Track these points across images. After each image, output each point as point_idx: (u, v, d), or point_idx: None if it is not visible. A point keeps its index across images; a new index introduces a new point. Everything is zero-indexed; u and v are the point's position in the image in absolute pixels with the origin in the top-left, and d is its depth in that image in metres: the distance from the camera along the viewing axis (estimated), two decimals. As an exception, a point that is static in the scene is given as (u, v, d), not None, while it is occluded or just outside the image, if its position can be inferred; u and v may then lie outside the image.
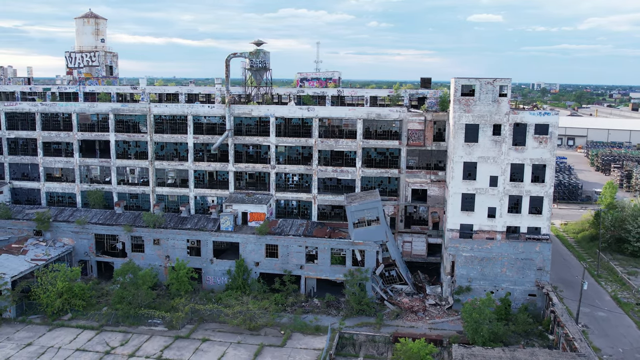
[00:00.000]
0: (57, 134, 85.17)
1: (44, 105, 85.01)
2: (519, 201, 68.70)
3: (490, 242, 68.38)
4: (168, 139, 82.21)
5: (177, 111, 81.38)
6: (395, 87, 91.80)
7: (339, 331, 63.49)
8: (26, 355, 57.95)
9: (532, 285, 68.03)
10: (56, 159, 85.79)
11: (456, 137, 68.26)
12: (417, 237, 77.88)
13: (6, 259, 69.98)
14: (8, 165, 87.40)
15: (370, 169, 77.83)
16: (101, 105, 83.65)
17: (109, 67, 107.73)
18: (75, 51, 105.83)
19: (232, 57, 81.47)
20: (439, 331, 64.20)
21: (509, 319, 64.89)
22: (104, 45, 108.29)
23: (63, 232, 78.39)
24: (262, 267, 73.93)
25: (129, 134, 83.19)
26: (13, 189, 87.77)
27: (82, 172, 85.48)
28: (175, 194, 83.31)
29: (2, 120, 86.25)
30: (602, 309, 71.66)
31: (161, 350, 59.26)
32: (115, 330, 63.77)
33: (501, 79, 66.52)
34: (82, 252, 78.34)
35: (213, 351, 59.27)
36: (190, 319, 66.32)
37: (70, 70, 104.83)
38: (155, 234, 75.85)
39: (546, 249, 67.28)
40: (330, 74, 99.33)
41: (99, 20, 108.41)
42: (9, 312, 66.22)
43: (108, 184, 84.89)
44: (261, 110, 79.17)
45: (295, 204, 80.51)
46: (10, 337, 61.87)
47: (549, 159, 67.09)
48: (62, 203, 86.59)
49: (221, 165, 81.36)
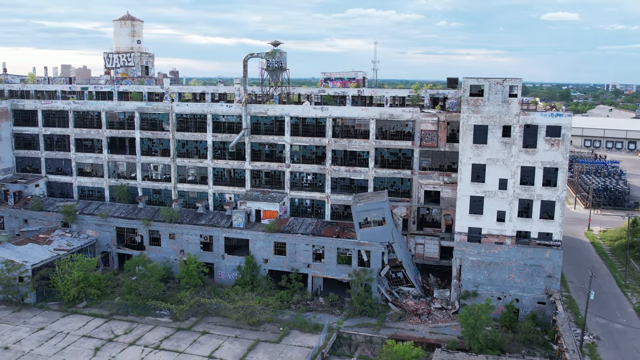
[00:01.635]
0: (87, 131, 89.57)
1: (76, 103, 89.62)
2: (530, 205, 66.41)
3: (498, 247, 66.45)
4: (189, 137, 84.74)
5: (197, 110, 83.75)
6: (415, 87, 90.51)
7: (337, 330, 63.61)
8: (36, 338, 61.47)
9: (541, 293, 65.58)
10: (87, 155, 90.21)
11: (464, 138, 66.80)
12: (430, 240, 76.64)
13: (31, 248, 74.35)
14: (44, 160, 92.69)
15: (383, 169, 77.29)
16: (127, 104, 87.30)
17: (144, 67, 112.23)
18: (112, 52, 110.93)
19: (249, 57, 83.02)
20: (440, 335, 63.02)
21: (513, 327, 62.94)
22: (139, 47, 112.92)
23: (87, 225, 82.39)
24: (270, 264, 74.97)
25: (152, 132, 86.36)
26: (49, 182, 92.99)
27: (110, 168, 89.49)
28: (195, 190, 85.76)
29: (39, 117, 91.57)
30: (620, 321, 68.14)
31: (160, 341, 61.34)
32: (123, 320, 66.52)
33: (511, 79, 64.54)
34: (105, 244, 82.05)
35: (209, 344, 60.79)
36: (196, 312, 68.18)
37: (108, 71, 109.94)
38: (171, 229, 78.42)
39: (556, 256, 64.69)
40: (353, 74, 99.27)
41: (135, 22, 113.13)
42: (30, 298, 70.34)
43: (133, 180, 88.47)
44: (276, 110, 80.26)
45: (309, 203, 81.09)
46: (26, 321, 65.76)
47: (561, 162, 64.48)
48: (92, 197, 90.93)
49: (238, 164, 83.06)
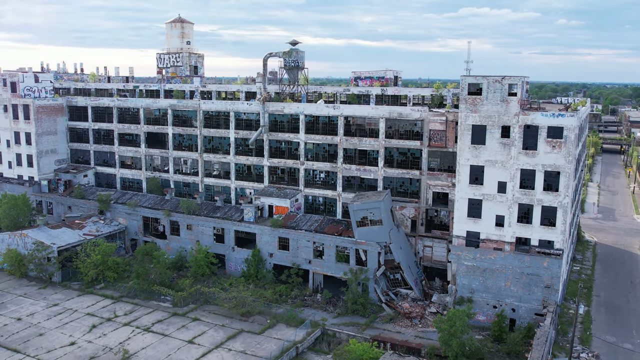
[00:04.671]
0: (128, 126, 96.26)
1: (119, 100, 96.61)
2: (530, 211, 62.84)
3: (494, 253, 63.50)
4: (214, 133, 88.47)
5: (221, 107, 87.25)
6: (436, 86, 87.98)
7: (322, 327, 64.03)
8: (47, 313, 67.56)
9: (538, 304, 61.83)
10: (128, 149, 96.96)
11: (462, 139, 64.53)
12: (438, 243, 74.57)
13: (63, 232, 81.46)
14: (93, 153, 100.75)
15: (392, 169, 76.26)
16: (161, 102, 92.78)
17: (193, 67, 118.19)
18: (164, 53, 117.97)
19: (268, 56, 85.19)
20: (424, 340, 61.44)
21: (502, 338, 59.99)
22: (189, 47, 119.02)
23: (119, 213, 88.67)
24: (275, 259, 76.62)
25: (183, 128, 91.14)
26: (96, 173, 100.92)
27: (147, 161, 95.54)
28: (219, 184, 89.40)
29: (89, 113, 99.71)
30: (633, 341, 62.64)
31: (153, 323, 65.05)
32: (129, 302, 71.14)
33: (510, 77, 61.46)
34: (133, 231, 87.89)
35: (195, 330, 63.58)
36: (196, 300, 71.43)
37: (160, 70, 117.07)
38: (189, 220, 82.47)
39: (555, 266, 60.68)
40: (382, 73, 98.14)
41: (184, 24, 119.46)
42: (56, 277, 77.19)
43: (166, 173, 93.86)
44: (292, 108, 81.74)
45: (321, 200, 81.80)
46: (46, 297, 72.33)
47: (563, 166, 60.42)
48: (132, 188, 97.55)
49: (258, 160, 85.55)
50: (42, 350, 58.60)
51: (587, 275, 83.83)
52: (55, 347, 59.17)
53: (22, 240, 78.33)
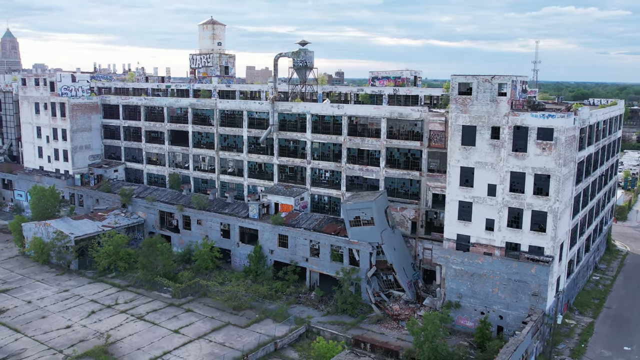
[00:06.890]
0: (154, 124, 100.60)
1: (146, 99, 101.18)
2: (520, 215, 60.64)
3: (482, 257, 61.73)
4: (229, 131, 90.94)
5: (235, 107, 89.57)
6: (446, 85, 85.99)
7: (307, 324, 64.65)
8: (56, 297, 72.10)
9: (526, 312, 59.54)
10: (153, 146, 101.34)
11: (453, 140, 63.22)
12: (438, 245, 73.09)
13: (83, 223, 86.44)
14: (123, 149, 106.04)
15: (393, 169, 75.59)
16: (183, 101, 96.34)
17: (224, 67, 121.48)
18: (196, 53, 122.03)
19: (279, 56, 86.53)
20: (406, 343, 60.63)
21: (484, 345, 58.29)
22: (220, 48, 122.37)
23: (139, 207, 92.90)
24: (275, 256, 77.87)
25: (201, 126, 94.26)
26: (126, 168, 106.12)
27: (170, 158, 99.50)
28: (233, 182, 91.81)
29: (120, 111, 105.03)
30: (630, 356, 59.12)
31: (147, 312, 68.02)
32: (133, 291, 74.61)
33: (500, 76, 59.60)
34: (151, 224, 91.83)
35: (184, 320, 65.89)
36: (195, 292, 73.89)
37: (193, 70, 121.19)
38: (199, 215, 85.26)
39: (543, 273, 58.23)
40: (399, 73, 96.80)
41: (216, 25, 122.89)
42: (73, 265, 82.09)
43: (186, 169, 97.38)
44: (299, 108, 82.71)
45: (326, 199, 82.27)
46: (60, 283, 77.14)
47: (553, 169, 57.92)
48: (157, 183, 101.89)
49: (267, 158, 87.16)
50: (40, 331, 62.79)
51: (605, 286, 79.51)
52: (52, 329, 63.23)
53: (45, 230, 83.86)
